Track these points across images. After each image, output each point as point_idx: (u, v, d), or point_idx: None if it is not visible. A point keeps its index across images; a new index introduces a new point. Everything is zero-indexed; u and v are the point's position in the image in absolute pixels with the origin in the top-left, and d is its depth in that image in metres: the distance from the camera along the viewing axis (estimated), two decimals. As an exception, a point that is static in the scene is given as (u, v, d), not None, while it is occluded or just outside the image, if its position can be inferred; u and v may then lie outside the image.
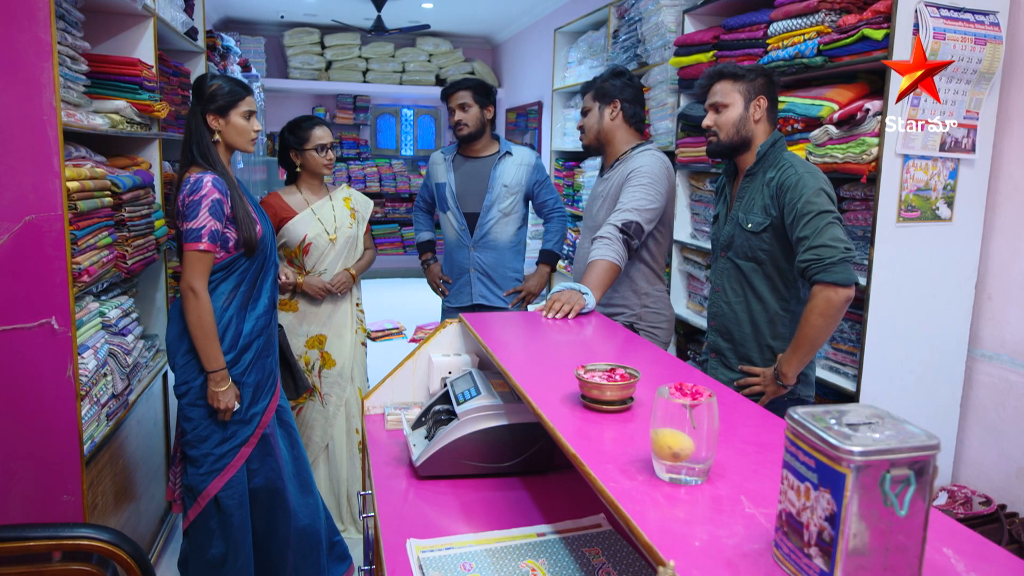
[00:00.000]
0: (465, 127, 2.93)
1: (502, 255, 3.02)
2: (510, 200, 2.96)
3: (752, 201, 1.98)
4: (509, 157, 3.00)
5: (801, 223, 1.84)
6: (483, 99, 2.94)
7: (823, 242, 1.80)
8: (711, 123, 2.03)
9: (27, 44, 1.71)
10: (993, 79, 2.23)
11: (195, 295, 2.00)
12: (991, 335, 2.39)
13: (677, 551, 0.75)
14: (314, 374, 2.81)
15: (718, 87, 2.02)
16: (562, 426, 1.10)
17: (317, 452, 2.85)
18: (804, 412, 0.72)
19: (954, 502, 2.35)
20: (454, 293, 3.09)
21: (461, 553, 1.22)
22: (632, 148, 2.40)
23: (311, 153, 2.70)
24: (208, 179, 2.02)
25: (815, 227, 1.82)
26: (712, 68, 2.07)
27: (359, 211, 2.88)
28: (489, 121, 2.98)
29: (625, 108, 2.41)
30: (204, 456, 2.09)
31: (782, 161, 1.94)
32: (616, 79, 2.42)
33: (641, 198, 2.23)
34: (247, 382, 2.14)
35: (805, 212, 1.83)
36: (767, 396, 1.96)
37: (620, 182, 2.34)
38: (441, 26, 8.01)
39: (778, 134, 2.00)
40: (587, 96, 2.46)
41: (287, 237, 2.73)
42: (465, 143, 3.01)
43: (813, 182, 1.85)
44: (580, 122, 2.50)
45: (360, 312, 2.93)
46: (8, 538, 1.50)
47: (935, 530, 0.77)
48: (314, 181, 2.79)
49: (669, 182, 2.32)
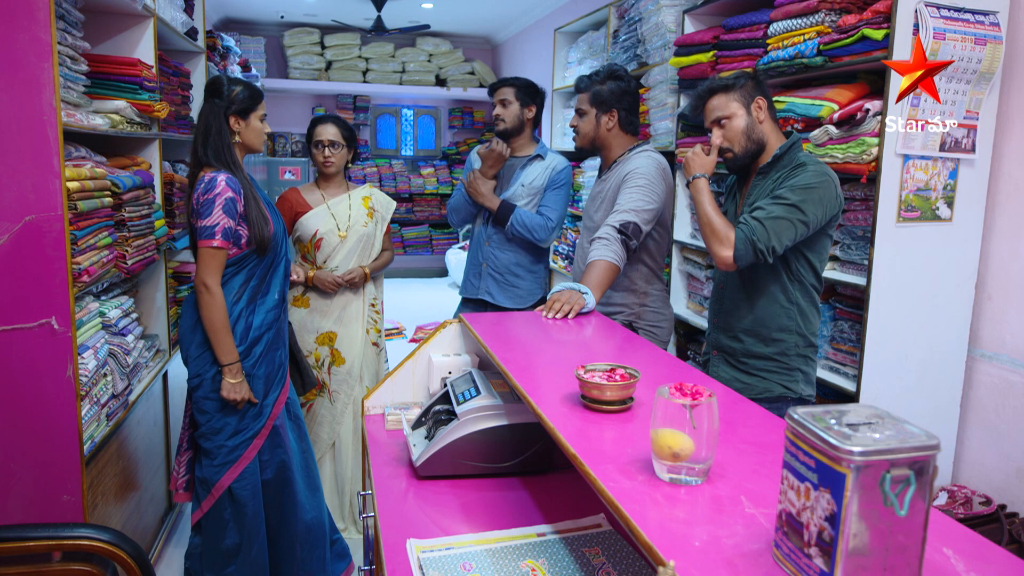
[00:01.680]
0: (502, 122, 2.94)
1: (516, 255, 2.98)
2: (526, 200, 2.92)
3: (760, 199, 1.98)
4: (540, 160, 2.96)
5: (774, 201, 1.86)
6: (525, 98, 2.92)
7: (768, 228, 1.84)
8: (720, 141, 2.00)
9: (27, 44, 1.71)
10: (993, 79, 2.23)
11: (208, 291, 2.06)
12: (991, 335, 2.39)
13: (677, 551, 0.75)
14: (324, 371, 2.83)
15: (713, 103, 2.00)
16: (562, 426, 1.10)
17: (324, 449, 2.86)
18: (804, 412, 0.72)
19: (954, 502, 2.35)
20: (467, 283, 3.08)
21: (461, 553, 1.22)
22: (629, 149, 2.40)
23: (313, 150, 2.82)
24: (222, 178, 2.08)
25: (777, 212, 1.84)
26: (698, 89, 2.06)
27: (379, 211, 2.92)
28: (529, 120, 2.96)
29: (622, 117, 2.39)
30: (218, 448, 2.14)
31: (795, 160, 1.94)
32: (614, 83, 2.37)
33: (638, 199, 2.23)
34: (257, 374, 2.18)
35: (783, 197, 1.85)
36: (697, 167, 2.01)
37: (617, 184, 2.34)
38: (441, 26, 8.01)
39: (796, 135, 1.99)
40: (582, 96, 2.42)
41: (300, 231, 2.81)
42: (504, 140, 2.99)
43: (812, 183, 1.85)
44: (574, 122, 2.46)
45: (376, 313, 2.94)
46: (8, 538, 1.50)
47: (935, 530, 0.77)
48: (333, 178, 2.87)
49: (666, 183, 2.32)
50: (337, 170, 2.83)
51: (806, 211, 1.83)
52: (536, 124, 3.01)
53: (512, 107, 2.92)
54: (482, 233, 3.01)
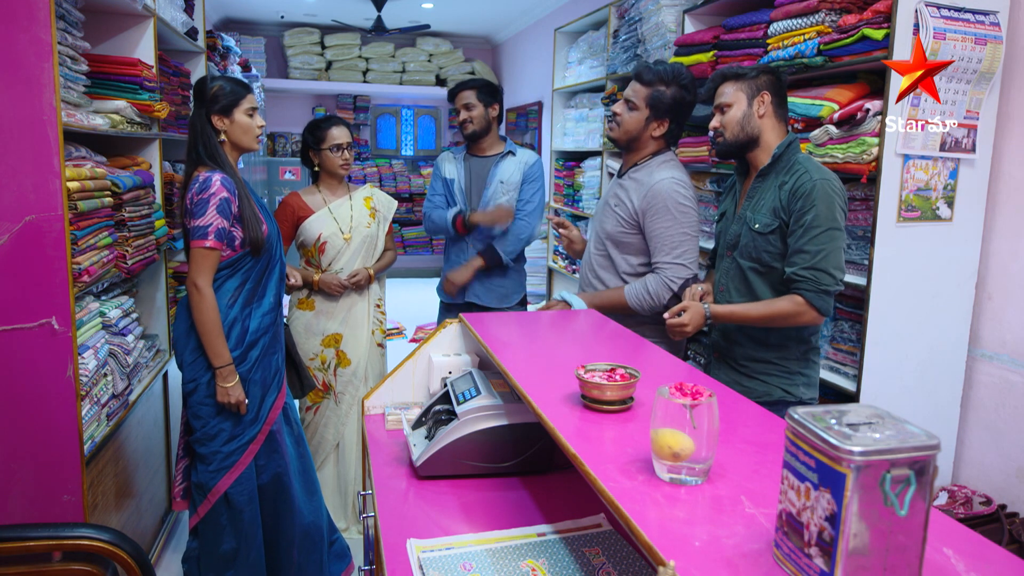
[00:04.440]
0: (470, 125, 2.99)
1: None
2: (507, 198, 2.99)
3: (762, 201, 1.97)
4: (511, 157, 3.05)
5: (808, 236, 1.84)
6: (487, 98, 2.99)
7: (826, 268, 1.84)
8: (717, 124, 2.03)
9: (27, 44, 1.71)
10: (993, 79, 2.23)
11: (199, 291, 2.04)
12: (991, 335, 2.39)
13: (677, 551, 0.75)
14: (329, 372, 2.83)
15: (722, 88, 2.03)
16: (562, 426, 1.10)
17: (328, 450, 2.86)
18: (804, 412, 0.72)
19: (954, 502, 2.35)
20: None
21: (461, 553, 1.22)
22: (652, 155, 2.26)
23: (327, 153, 2.78)
24: (217, 178, 2.06)
25: (821, 246, 1.83)
26: (716, 71, 2.08)
27: (380, 211, 2.92)
28: (495, 119, 3.03)
29: (671, 129, 2.24)
30: (213, 454, 2.12)
31: (796, 165, 1.93)
32: (679, 92, 2.18)
33: (679, 243, 2.15)
34: (253, 378, 2.17)
35: (815, 226, 1.84)
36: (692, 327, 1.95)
37: (637, 203, 2.19)
38: (441, 26, 8.01)
39: (793, 135, 2.00)
40: (640, 90, 2.20)
41: (304, 236, 2.79)
42: (471, 142, 3.06)
43: (828, 192, 1.85)
44: (619, 108, 2.25)
45: (380, 313, 2.95)
46: (8, 538, 1.50)
47: (935, 530, 0.77)
48: (333, 180, 2.86)
49: (695, 203, 2.21)
50: (348, 171, 2.85)
51: (840, 226, 1.86)
52: (500, 122, 3.08)
53: (477, 109, 2.98)
54: (462, 238, 3.04)
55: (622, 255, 2.27)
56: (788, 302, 1.88)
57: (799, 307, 1.86)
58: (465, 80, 3.09)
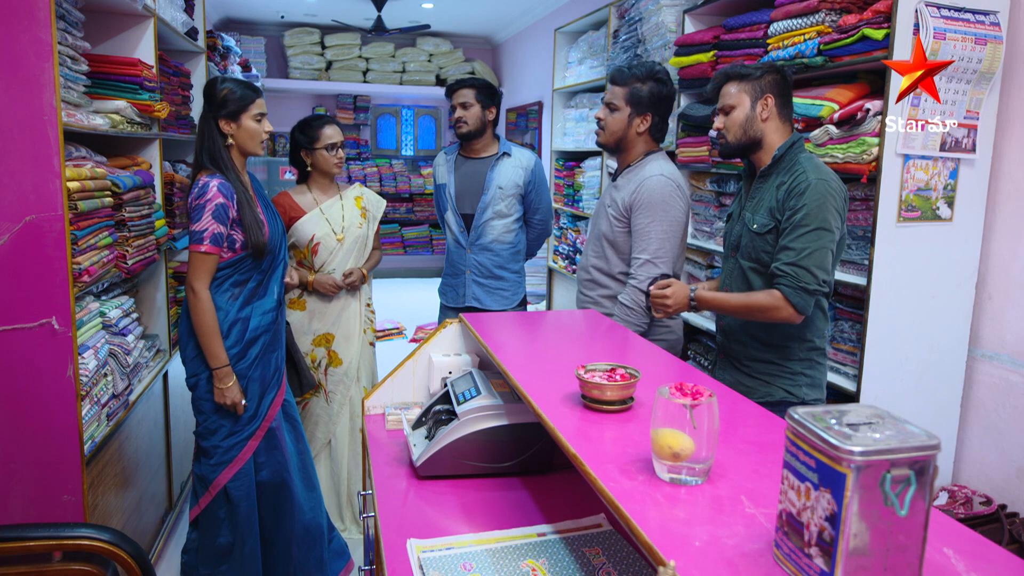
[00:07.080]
0: (464, 125, 2.93)
1: (499, 257, 3.01)
2: (506, 202, 2.95)
3: (761, 202, 1.97)
4: (507, 158, 2.99)
5: (795, 233, 1.83)
6: (486, 99, 2.94)
7: (808, 266, 1.82)
8: (720, 125, 2.02)
9: (27, 44, 1.71)
10: (993, 79, 2.23)
11: (195, 294, 2.07)
12: (991, 335, 2.39)
13: (677, 551, 0.75)
14: (320, 371, 2.82)
15: (726, 89, 2.01)
16: (562, 426, 1.10)
17: (319, 448, 2.86)
18: (804, 412, 0.72)
19: (954, 502, 2.35)
20: (450, 293, 3.10)
21: (461, 553, 1.22)
22: (644, 154, 2.30)
23: (321, 152, 2.73)
24: (214, 184, 2.07)
25: (807, 244, 1.82)
26: (720, 71, 2.06)
27: (370, 210, 2.90)
28: (491, 122, 2.98)
29: (655, 122, 2.29)
30: (214, 448, 2.16)
31: (796, 166, 1.91)
32: (655, 85, 2.25)
33: (654, 240, 2.18)
34: (253, 376, 2.18)
35: (803, 224, 1.82)
36: (674, 305, 2.03)
37: (628, 200, 2.24)
38: (441, 26, 8.01)
39: (796, 135, 1.98)
40: (617, 91, 2.28)
41: (296, 237, 2.76)
42: (465, 142, 3.02)
43: (822, 192, 1.83)
44: (602, 114, 2.32)
45: (371, 312, 2.94)
46: (8, 538, 1.50)
47: (935, 530, 0.77)
48: (324, 180, 2.82)
49: (683, 199, 2.24)
50: (341, 171, 2.83)
51: (830, 227, 1.82)
52: (495, 125, 3.03)
53: (473, 109, 2.92)
54: (461, 240, 3.02)
55: (617, 256, 2.30)
56: (766, 295, 1.88)
57: (776, 301, 1.85)
58: (464, 78, 3.05)
